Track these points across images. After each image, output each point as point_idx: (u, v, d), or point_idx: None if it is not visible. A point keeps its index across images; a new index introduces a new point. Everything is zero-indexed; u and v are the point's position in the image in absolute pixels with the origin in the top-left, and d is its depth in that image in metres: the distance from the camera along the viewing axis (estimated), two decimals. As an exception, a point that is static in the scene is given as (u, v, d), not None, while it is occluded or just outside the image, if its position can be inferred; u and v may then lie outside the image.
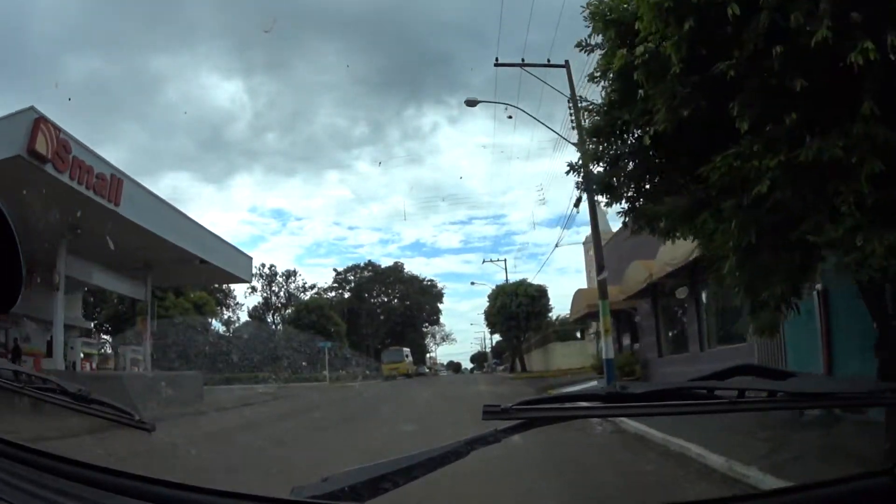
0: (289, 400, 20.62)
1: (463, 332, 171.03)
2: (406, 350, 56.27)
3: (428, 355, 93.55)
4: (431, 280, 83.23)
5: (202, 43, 69.77)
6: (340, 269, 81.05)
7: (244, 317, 64.31)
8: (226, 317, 61.24)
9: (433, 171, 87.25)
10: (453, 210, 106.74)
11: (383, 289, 77.55)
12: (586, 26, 5.91)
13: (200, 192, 78.98)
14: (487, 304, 44.00)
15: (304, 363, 40.65)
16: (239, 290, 66.31)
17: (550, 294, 43.63)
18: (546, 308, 40.79)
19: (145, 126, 67.88)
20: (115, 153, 69.45)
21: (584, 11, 5.75)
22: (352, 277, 77.11)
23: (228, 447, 8.04)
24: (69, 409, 1.13)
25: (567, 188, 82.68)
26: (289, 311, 61.84)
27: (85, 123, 56.41)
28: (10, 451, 1.01)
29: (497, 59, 18.70)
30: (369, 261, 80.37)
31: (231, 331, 55.69)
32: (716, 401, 1.12)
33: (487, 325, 49.86)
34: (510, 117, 69.04)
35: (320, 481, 0.98)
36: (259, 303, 67.41)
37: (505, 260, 56.73)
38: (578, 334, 43.71)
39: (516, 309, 38.33)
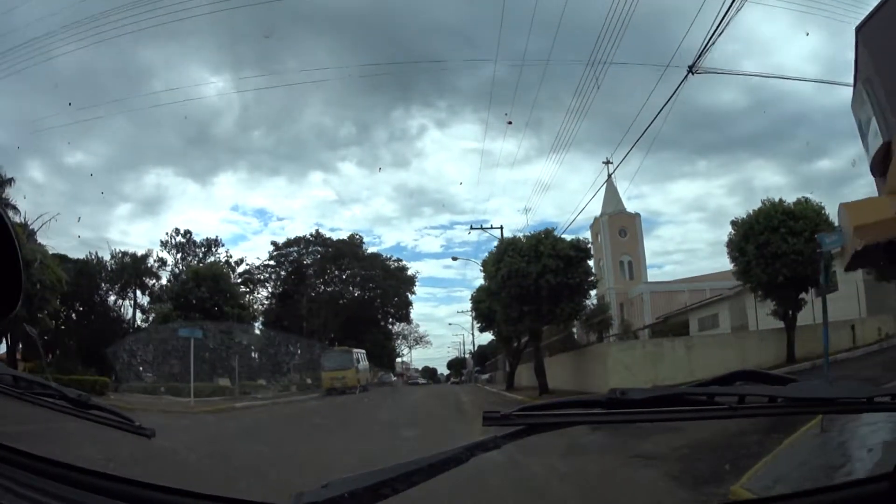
0: None
1: (440, 336, 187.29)
2: (357, 352, 42.79)
3: (399, 360, 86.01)
4: (399, 260, 69.49)
5: (193, 36, 69.53)
6: (279, 241, 65.82)
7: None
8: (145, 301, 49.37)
9: (418, 174, 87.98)
10: (435, 215, 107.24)
11: (336, 271, 62.84)
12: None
13: (185, 188, 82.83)
14: (482, 273, 29.57)
15: (169, 365, 30.12)
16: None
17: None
18: (588, 279, 25.03)
19: (131, 119, 67.66)
20: (100, 146, 69.06)
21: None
22: (296, 254, 62.83)
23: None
24: (69, 414, 1.12)
25: (553, 195, 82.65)
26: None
27: (70, 114, 55.62)
28: (9, 457, 1.01)
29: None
30: (317, 230, 65.39)
31: (150, 318, 44.06)
32: (716, 406, 1.14)
33: (476, 318, 35.98)
34: (510, 123, 68.89)
35: (320, 487, 0.98)
36: (169, 280, 51.32)
37: (501, 227, 36.74)
38: (580, 336, 34.44)
39: (538, 278, 22.86)
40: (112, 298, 46.97)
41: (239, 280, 54.78)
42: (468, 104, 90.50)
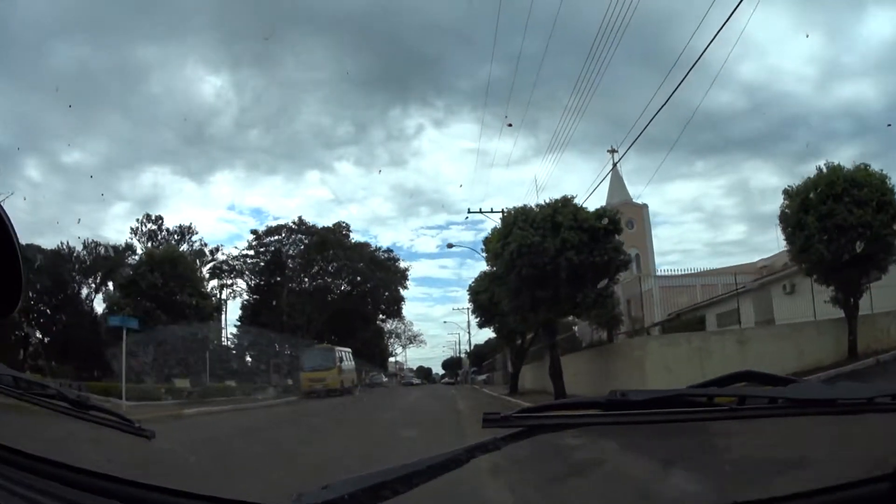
0: None
1: (435, 336, 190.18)
2: (341, 351, 39.26)
3: (392, 359, 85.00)
4: (389, 251, 66.26)
5: (191, 34, 70.07)
6: (260, 229, 62.67)
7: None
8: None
9: (415, 174, 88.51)
10: (432, 215, 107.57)
11: (322, 263, 58.42)
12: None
13: (181, 187, 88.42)
14: (483, 255, 24.89)
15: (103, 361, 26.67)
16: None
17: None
18: (620, 257, 20.21)
19: (128, 117, 68.07)
20: (96, 144, 69.51)
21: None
22: (278, 243, 58.82)
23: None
24: (68, 415, 1.13)
25: (552, 195, 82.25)
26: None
27: (67, 112, 55.72)
28: (8, 457, 1.02)
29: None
30: (300, 217, 60.38)
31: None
32: (716, 408, 1.14)
33: (475, 311, 31.66)
34: (510, 125, 68.75)
35: (320, 489, 0.99)
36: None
37: (503, 210, 26.40)
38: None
39: (556, 256, 18.11)
40: (84, 292, 43.99)
41: (207, 268, 51.49)
42: (466, 104, 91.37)
